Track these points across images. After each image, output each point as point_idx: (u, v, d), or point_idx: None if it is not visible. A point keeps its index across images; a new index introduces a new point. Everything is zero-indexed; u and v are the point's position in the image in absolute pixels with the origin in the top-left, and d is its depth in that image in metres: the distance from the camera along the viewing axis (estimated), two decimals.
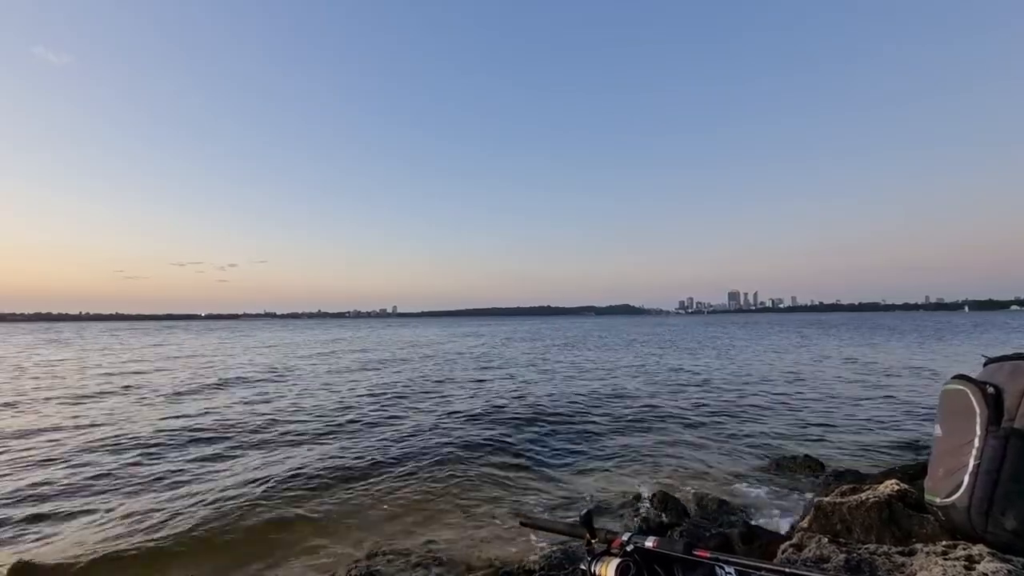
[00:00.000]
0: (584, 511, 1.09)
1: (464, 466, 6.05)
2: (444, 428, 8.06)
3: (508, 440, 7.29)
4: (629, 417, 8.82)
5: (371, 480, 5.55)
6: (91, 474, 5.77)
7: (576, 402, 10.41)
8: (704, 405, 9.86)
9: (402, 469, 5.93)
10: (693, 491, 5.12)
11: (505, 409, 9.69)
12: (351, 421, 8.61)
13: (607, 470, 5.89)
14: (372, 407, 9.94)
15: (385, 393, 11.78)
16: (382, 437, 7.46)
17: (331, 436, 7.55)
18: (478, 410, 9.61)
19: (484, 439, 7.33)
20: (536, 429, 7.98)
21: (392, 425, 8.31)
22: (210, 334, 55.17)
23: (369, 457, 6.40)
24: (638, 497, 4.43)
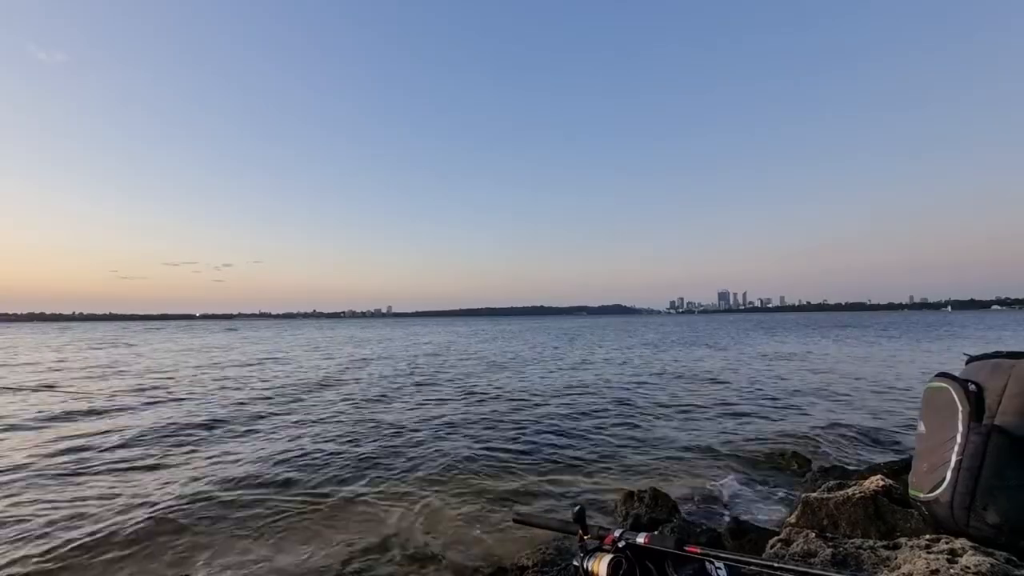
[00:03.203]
0: (576, 508, 1.10)
1: (456, 463, 6.04)
2: (435, 425, 8.04)
3: (500, 437, 7.28)
4: (619, 414, 8.87)
5: (364, 477, 5.53)
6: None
7: (565, 400, 10.44)
8: (691, 402, 9.94)
9: (394, 467, 5.91)
10: (683, 488, 5.17)
11: (496, 406, 9.70)
12: (343, 417, 8.57)
13: (598, 467, 5.92)
14: (363, 404, 9.90)
15: (376, 390, 11.74)
16: (374, 434, 7.43)
17: (322, 432, 7.50)
18: (469, 407, 9.60)
19: (476, 437, 7.33)
20: (527, 426, 7.99)
21: (382, 422, 8.27)
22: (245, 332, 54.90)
23: (362, 455, 6.37)
24: (630, 494, 4.45)
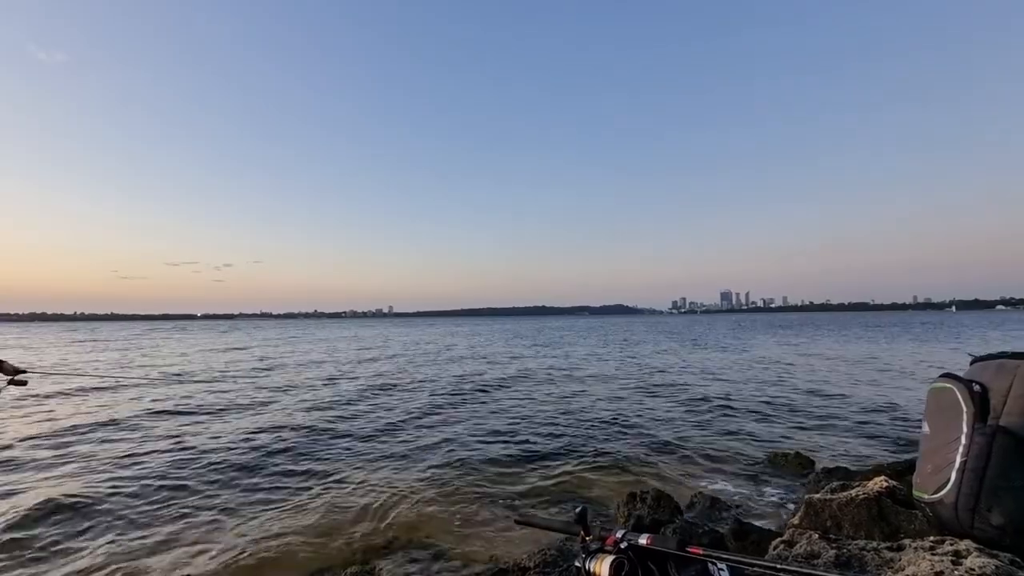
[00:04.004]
0: (578, 509, 1.10)
1: (458, 464, 6.04)
2: (436, 425, 8.05)
3: (502, 438, 7.29)
4: (621, 415, 8.85)
5: (365, 478, 5.53)
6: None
7: (568, 399, 10.43)
8: (694, 403, 9.92)
9: (395, 467, 5.91)
10: (686, 489, 5.16)
11: (498, 406, 9.70)
12: (343, 416, 8.58)
13: (601, 468, 5.91)
14: (361, 403, 9.90)
15: (374, 388, 11.75)
16: (374, 434, 7.44)
17: (321, 432, 7.51)
18: (471, 407, 9.61)
19: (477, 437, 7.33)
20: (529, 426, 7.99)
21: (383, 421, 8.29)
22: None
23: (362, 455, 6.38)
24: (632, 495, 4.44)
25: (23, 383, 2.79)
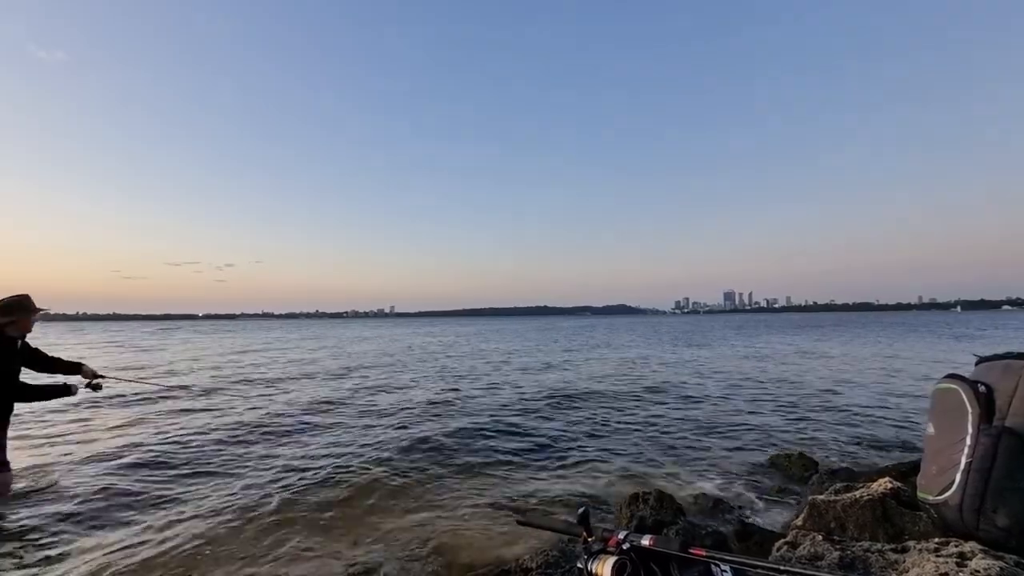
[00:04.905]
0: (581, 510, 1.10)
1: (460, 465, 6.04)
2: (439, 425, 8.05)
3: (504, 438, 7.29)
4: (624, 415, 8.84)
5: (366, 477, 5.54)
6: None
7: (571, 399, 10.42)
8: (697, 404, 9.90)
9: (397, 467, 5.91)
10: (688, 490, 5.14)
11: (501, 406, 9.70)
12: (343, 415, 8.59)
13: (603, 469, 5.90)
14: (362, 401, 9.92)
15: (377, 388, 11.77)
16: (375, 433, 7.45)
17: (322, 432, 7.53)
18: (473, 407, 9.61)
19: (480, 437, 7.33)
20: (532, 427, 7.98)
21: (385, 420, 8.30)
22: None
23: (363, 455, 6.38)
24: (634, 496, 4.43)
25: (99, 387, 2.87)
